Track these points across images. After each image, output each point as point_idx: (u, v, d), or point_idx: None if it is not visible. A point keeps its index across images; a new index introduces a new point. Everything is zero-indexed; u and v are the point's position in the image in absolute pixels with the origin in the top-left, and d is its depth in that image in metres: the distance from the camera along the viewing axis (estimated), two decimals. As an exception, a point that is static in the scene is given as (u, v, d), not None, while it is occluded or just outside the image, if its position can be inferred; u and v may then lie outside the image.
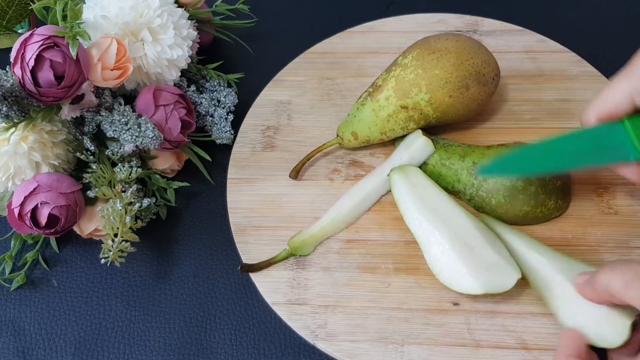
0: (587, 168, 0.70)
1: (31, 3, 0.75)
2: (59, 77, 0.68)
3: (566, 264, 0.68)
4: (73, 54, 0.68)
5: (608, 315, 0.63)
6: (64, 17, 0.70)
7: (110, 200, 0.74)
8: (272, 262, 0.75)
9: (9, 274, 0.78)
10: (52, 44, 0.68)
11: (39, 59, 0.67)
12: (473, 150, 0.76)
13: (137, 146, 0.76)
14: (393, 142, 0.81)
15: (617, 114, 0.65)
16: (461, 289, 0.67)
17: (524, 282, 0.70)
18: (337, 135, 0.81)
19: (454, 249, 0.68)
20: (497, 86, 0.79)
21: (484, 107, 0.80)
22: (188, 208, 0.83)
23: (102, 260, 0.71)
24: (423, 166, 0.78)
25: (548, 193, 0.73)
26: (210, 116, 0.85)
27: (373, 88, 0.79)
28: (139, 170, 0.77)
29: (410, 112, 0.77)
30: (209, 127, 0.85)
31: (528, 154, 0.68)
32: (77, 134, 0.77)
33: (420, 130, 0.78)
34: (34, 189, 0.71)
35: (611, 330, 0.63)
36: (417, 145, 0.77)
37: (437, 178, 0.77)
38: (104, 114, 0.75)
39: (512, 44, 0.90)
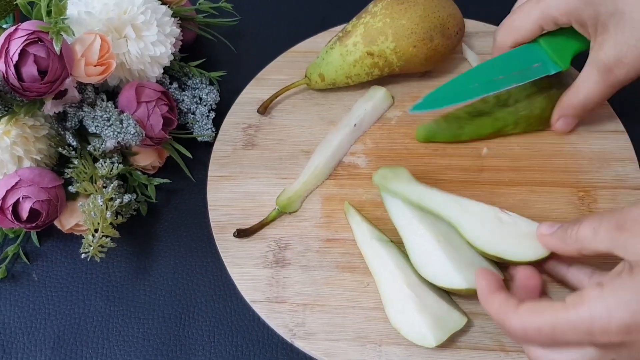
0: (512, 87, 0.76)
1: (16, -2, 0.75)
2: (42, 72, 0.68)
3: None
4: (57, 49, 0.68)
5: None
6: (49, 13, 0.70)
7: (92, 195, 0.74)
8: (264, 223, 0.77)
9: (-11, 267, 0.79)
10: (36, 39, 0.68)
11: (23, 53, 0.67)
12: None
13: (118, 142, 0.76)
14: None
15: (529, 39, 0.76)
16: (445, 283, 0.67)
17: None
18: (305, 76, 0.85)
19: (439, 244, 0.69)
20: (461, 40, 0.84)
21: (445, 59, 0.85)
22: (168, 205, 0.83)
23: (83, 255, 0.71)
24: None
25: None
26: (192, 113, 0.85)
27: (343, 33, 0.84)
28: (120, 166, 0.77)
29: (376, 59, 0.82)
30: (191, 125, 0.85)
31: (457, 84, 0.77)
32: (60, 129, 0.77)
33: (378, 86, 0.85)
34: (16, 183, 0.71)
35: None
36: (379, 97, 0.84)
37: None
38: (86, 109, 0.75)
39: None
